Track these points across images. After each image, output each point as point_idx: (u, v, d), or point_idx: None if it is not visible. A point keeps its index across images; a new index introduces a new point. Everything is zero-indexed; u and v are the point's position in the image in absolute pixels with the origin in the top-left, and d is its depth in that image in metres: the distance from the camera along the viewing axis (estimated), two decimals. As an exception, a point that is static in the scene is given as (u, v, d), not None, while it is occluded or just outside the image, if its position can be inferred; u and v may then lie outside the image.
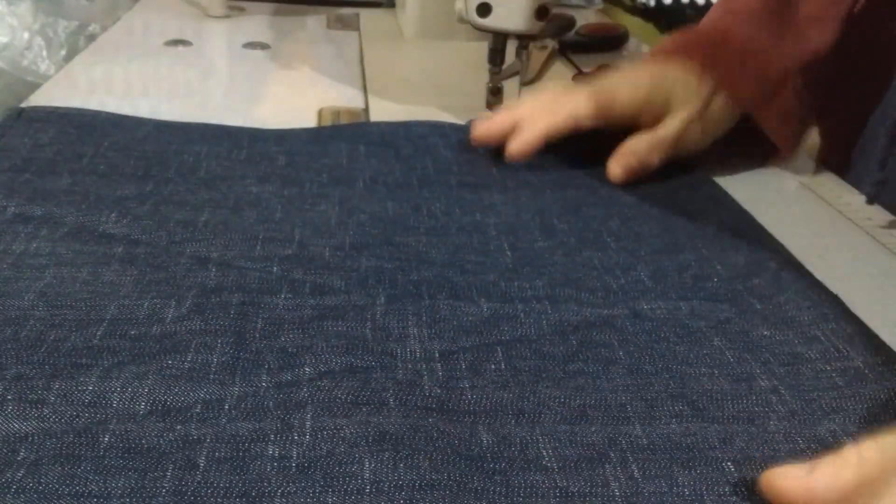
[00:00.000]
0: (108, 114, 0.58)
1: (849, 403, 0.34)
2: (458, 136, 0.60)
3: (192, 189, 0.49)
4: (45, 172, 0.49)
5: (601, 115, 0.56)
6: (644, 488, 0.29)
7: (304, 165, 0.53)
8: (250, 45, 0.82)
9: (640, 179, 0.55)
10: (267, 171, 0.52)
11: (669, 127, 0.56)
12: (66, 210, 0.45)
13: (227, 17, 0.91)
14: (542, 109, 0.57)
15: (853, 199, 0.56)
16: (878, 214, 0.53)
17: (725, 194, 0.54)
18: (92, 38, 0.78)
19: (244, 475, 0.28)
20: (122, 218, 0.44)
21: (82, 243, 0.42)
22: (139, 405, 0.31)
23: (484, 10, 0.59)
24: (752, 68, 0.56)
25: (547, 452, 0.30)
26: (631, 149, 0.56)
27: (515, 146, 0.55)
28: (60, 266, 0.40)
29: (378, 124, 0.62)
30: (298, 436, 0.30)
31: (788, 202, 0.56)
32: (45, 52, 0.70)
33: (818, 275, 0.44)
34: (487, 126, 0.57)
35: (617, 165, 0.56)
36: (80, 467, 0.28)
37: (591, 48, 0.87)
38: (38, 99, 0.64)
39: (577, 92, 0.57)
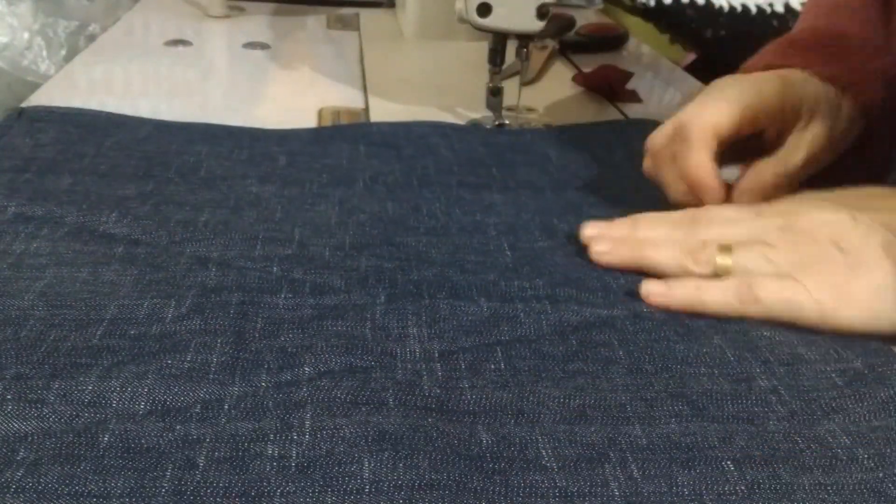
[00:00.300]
0: (109, 114, 0.58)
1: (848, 403, 0.34)
2: (458, 135, 0.60)
3: (192, 189, 0.49)
4: (47, 172, 0.49)
5: (755, 111, 0.46)
6: (643, 488, 0.29)
7: (305, 166, 0.53)
8: (250, 45, 0.82)
9: (643, 181, 0.51)
10: (268, 172, 0.52)
11: (797, 153, 0.47)
12: (67, 210, 0.45)
13: (227, 17, 0.91)
14: (697, 105, 0.46)
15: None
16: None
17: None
18: (92, 38, 0.79)
19: (243, 475, 0.28)
20: (122, 218, 0.44)
21: (83, 243, 0.42)
22: (139, 405, 0.31)
23: (484, 10, 0.59)
24: (874, 68, 0.49)
25: (546, 452, 0.30)
26: (753, 186, 0.47)
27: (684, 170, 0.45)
28: (61, 266, 0.40)
29: (379, 125, 0.61)
30: (298, 435, 0.30)
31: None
32: (45, 52, 0.70)
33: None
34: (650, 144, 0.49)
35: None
36: (79, 467, 0.28)
37: (592, 48, 0.87)
38: (38, 99, 0.64)
39: (714, 93, 0.47)
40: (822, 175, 0.50)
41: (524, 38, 0.63)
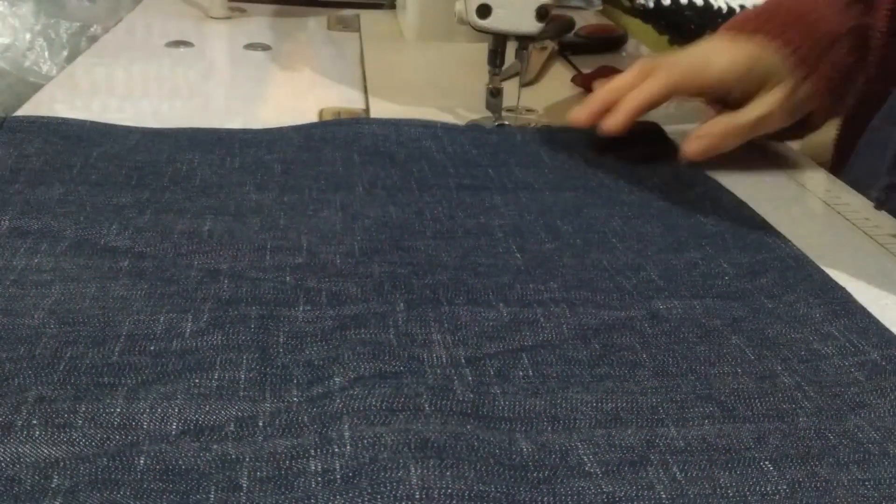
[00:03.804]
0: (94, 123, 0.56)
1: (871, 398, 0.34)
2: (450, 136, 0.60)
3: (190, 196, 0.48)
4: (36, 183, 0.48)
5: (695, 86, 0.58)
6: (688, 490, 0.29)
7: (301, 172, 0.53)
8: (251, 47, 0.82)
9: (636, 178, 0.56)
10: (264, 179, 0.51)
11: (751, 113, 0.57)
12: (64, 223, 0.44)
13: (228, 18, 0.91)
14: (637, 82, 0.57)
15: (853, 199, 0.56)
16: (877, 216, 0.54)
17: (720, 187, 0.55)
18: (94, 39, 0.78)
19: (290, 493, 0.28)
20: (123, 230, 0.43)
21: (86, 258, 0.41)
22: (170, 425, 0.30)
23: (484, 11, 0.59)
24: (835, 58, 0.57)
25: (588, 458, 0.30)
26: (708, 132, 0.57)
27: (612, 120, 0.56)
28: (66, 282, 0.39)
29: (370, 124, 0.61)
30: (339, 448, 0.29)
31: (788, 202, 0.56)
32: (46, 53, 0.69)
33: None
34: (588, 106, 0.58)
35: (692, 147, 0.57)
36: (119, 492, 0.27)
37: (591, 49, 0.87)
38: (40, 99, 0.63)
39: (669, 63, 0.58)
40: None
41: (524, 40, 0.63)
